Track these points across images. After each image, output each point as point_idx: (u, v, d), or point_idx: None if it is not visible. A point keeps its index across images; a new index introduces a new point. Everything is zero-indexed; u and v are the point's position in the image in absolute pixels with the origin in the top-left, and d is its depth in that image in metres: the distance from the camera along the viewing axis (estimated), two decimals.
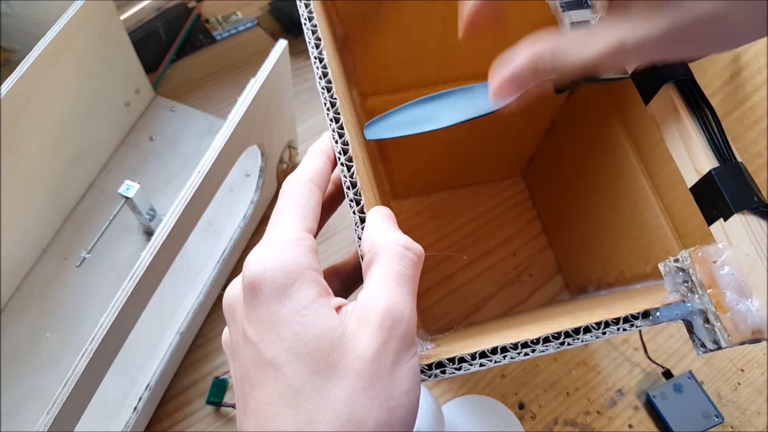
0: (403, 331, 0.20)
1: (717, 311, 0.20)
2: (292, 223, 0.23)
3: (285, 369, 0.19)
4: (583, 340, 0.22)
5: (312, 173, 0.25)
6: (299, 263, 0.21)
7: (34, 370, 0.52)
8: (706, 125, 0.22)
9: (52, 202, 0.57)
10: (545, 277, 0.61)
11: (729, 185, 0.21)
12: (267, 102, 0.50)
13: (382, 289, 0.21)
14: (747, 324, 0.20)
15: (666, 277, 0.22)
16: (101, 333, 0.37)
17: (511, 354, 0.22)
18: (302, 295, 0.20)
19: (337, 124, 0.25)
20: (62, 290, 0.56)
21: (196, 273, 0.56)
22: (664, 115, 0.23)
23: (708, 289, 0.21)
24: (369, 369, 0.19)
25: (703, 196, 0.22)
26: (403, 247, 0.22)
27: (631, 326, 0.22)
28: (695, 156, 0.22)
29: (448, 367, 0.22)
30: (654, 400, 0.53)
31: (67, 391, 0.35)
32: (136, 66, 0.62)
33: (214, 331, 0.56)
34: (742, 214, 0.20)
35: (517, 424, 0.52)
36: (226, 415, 0.53)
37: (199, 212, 0.45)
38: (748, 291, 0.20)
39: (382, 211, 0.24)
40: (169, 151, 0.64)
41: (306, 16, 0.27)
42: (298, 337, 0.19)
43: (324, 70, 0.26)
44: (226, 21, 0.76)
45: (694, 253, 0.21)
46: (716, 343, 0.21)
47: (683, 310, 0.22)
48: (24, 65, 0.46)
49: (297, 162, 0.66)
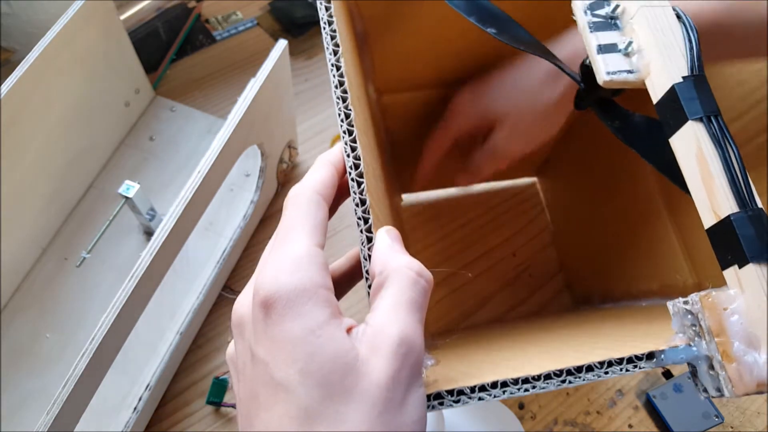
0: (415, 360, 0.20)
1: (723, 360, 0.20)
2: (302, 238, 0.22)
3: (297, 391, 0.19)
4: (585, 378, 0.22)
5: (319, 185, 0.24)
6: (313, 282, 0.20)
7: (34, 370, 0.52)
8: (728, 166, 0.21)
9: (52, 202, 0.57)
10: (545, 277, 0.61)
11: (747, 232, 0.20)
12: (267, 102, 0.50)
13: (395, 316, 0.20)
14: (752, 376, 0.19)
15: (674, 317, 0.22)
16: (101, 333, 0.37)
17: (511, 389, 0.22)
18: (316, 315, 0.20)
19: (350, 137, 0.24)
20: (62, 290, 0.56)
21: (196, 273, 0.56)
22: (686, 151, 0.22)
23: (716, 336, 0.20)
24: (383, 395, 0.19)
25: (720, 239, 0.21)
26: (416, 273, 0.22)
27: (634, 367, 0.22)
28: (714, 197, 0.21)
29: (446, 399, 0.22)
30: (654, 400, 0.53)
31: (67, 391, 0.35)
32: (136, 66, 0.62)
33: (214, 331, 0.56)
34: (757, 264, 0.20)
35: (517, 424, 0.52)
36: (226, 415, 0.52)
37: (199, 212, 0.45)
38: (757, 342, 0.20)
39: (391, 231, 0.24)
40: (169, 151, 0.64)
41: (326, 20, 0.26)
42: (312, 358, 0.19)
43: (340, 78, 0.25)
44: (226, 21, 0.76)
45: (705, 298, 0.20)
46: (719, 391, 0.20)
47: (689, 354, 0.21)
48: (24, 65, 0.46)
49: (297, 162, 0.66)
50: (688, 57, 0.23)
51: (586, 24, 0.26)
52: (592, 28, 0.26)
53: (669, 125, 0.23)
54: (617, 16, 0.26)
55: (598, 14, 0.26)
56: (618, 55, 0.25)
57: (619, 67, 0.25)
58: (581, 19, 0.26)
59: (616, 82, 0.25)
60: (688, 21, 0.24)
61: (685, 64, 0.23)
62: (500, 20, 0.30)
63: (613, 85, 0.25)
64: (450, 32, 0.41)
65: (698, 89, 0.23)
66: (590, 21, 0.26)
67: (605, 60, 0.25)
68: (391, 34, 0.40)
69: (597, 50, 0.25)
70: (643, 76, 0.25)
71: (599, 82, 0.25)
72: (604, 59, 0.25)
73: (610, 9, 0.26)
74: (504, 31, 0.30)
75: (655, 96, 0.24)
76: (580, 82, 0.30)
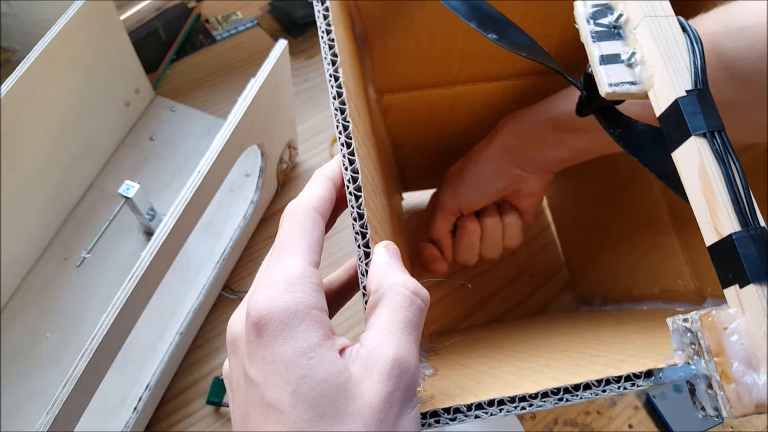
0: (409, 381, 0.20)
1: (722, 380, 0.20)
2: (297, 257, 0.22)
3: (289, 413, 0.19)
4: (582, 397, 0.22)
5: (316, 201, 0.24)
6: (306, 303, 0.20)
7: (34, 370, 0.52)
8: (731, 184, 0.21)
9: (52, 202, 0.57)
10: (545, 277, 0.61)
11: (749, 252, 0.20)
12: (267, 102, 0.50)
13: (389, 336, 0.20)
14: (751, 397, 0.19)
15: (673, 334, 0.22)
16: (101, 333, 0.37)
17: (508, 407, 0.22)
18: (308, 336, 0.20)
19: (348, 150, 0.24)
20: (62, 290, 0.56)
21: (196, 273, 0.56)
22: (689, 167, 0.22)
23: (715, 356, 0.20)
24: (375, 417, 0.19)
25: (721, 257, 0.21)
26: (412, 292, 0.22)
27: (632, 385, 0.21)
28: (716, 215, 0.21)
29: (442, 417, 0.22)
30: (654, 400, 0.53)
31: (67, 391, 0.35)
32: (136, 66, 0.62)
33: (214, 331, 0.56)
34: (759, 284, 0.20)
35: (517, 424, 0.52)
36: (226, 415, 0.52)
37: (199, 212, 0.45)
38: (756, 363, 0.19)
39: (389, 247, 0.24)
40: (169, 151, 0.64)
41: (324, 29, 0.26)
42: (304, 380, 0.19)
43: (339, 89, 0.25)
44: (226, 21, 0.76)
45: (705, 317, 0.20)
46: (717, 410, 0.20)
47: (687, 372, 0.21)
48: (24, 65, 0.46)
49: (297, 162, 0.66)
50: (692, 70, 0.23)
51: (589, 33, 0.26)
52: (594, 38, 0.25)
53: (672, 139, 0.23)
54: (621, 25, 0.26)
55: (601, 23, 0.26)
56: (621, 66, 0.25)
57: (621, 78, 0.25)
58: (584, 28, 0.26)
59: (619, 94, 0.25)
60: (693, 32, 0.24)
61: (689, 76, 0.23)
62: (500, 24, 0.30)
63: (615, 97, 0.25)
64: (450, 32, 0.41)
65: (702, 104, 0.22)
66: (593, 30, 0.26)
67: (608, 71, 0.25)
68: (390, 34, 0.40)
69: (599, 61, 0.25)
70: (646, 88, 0.24)
71: (601, 93, 0.25)
72: (607, 70, 0.25)
73: (614, 18, 0.26)
74: (504, 37, 0.29)
75: (658, 109, 0.24)
76: (583, 89, 0.30)
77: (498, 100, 0.49)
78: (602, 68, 0.25)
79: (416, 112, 0.49)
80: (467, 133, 0.52)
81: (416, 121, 0.50)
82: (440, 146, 0.54)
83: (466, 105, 0.49)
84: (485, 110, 0.50)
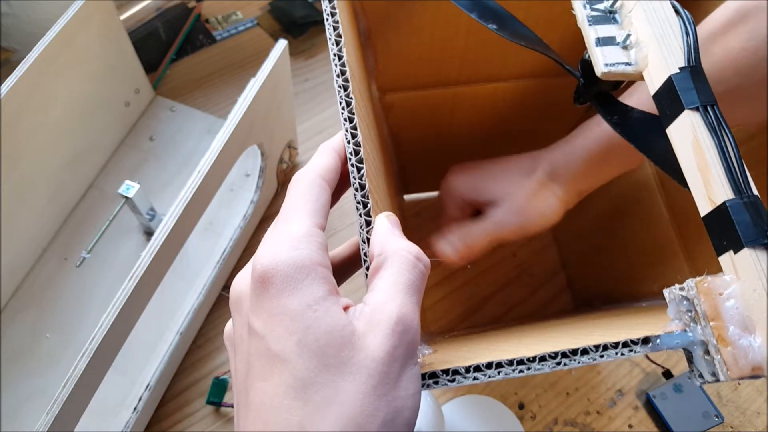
0: (412, 339, 0.20)
1: (718, 344, 0.20)
2: (303, 218, 0.23)
3: (294, 362, 0.19)
4: (580, 361, 0.22)
5: (322, 170, 0.25)
6: (311, 259, 0.21)
7: (34, 370, 0.52)
8: (724, 154, 0.21)
9: (52, 202, 0.57)
10: (545, 277, 0.61)
11: (742, 218, 0.20)
12: (267, 102, 0.50)
13: (393, 295, 0.21)
14: (747, 360, 0.19)
15: (670, 304, 0.22)
16: (101, 333, 0.37)
17: (506, 370, 0.22)
18: (313, 290, 0.20)
19: (350, 124, 0.25)
20: (62, 290, 0.56)
21: (196, 273, 0.56)
22: (683, 140, 0.23)
23: (711, 320, 0.20)
24: (379, 369, 0.19)
25: (715, 226, 0.21)
26: (414, 256, 0.22)
27: (630, 351, 0.22)
28: (710, 185, 0.21)
29: (441, 378, 0.22)
30: (654, 400, 0.53)
31: (67, 391, 0.35)
32: (136, 66, 0.62)
33: (214, 331, 0.56)
34: (752, 248, 0.20)
35: (517, 424, 0.52)
36: (226, 415, 0.52)
37: (199, 212, 0.45)
38: (752, 326, 0.20)
39: (391, 217, 0.24)
40: (169, 151, 0.64)
41: (329, 12, 0.27)
42: (309, 331, 0.19)
43: (342, 68, 0.25)
44: (226, 21, 0.76)
45: (701, 284, 0.21)
46: (714, 375, 0.20)
47: (684, 339, 0.21)
48: (24, 65, 0.46)
49: (297, 162, 0.66)
50: (685, 49, 0.24)
51: (585, 17, 0.26)
52: (591, 22, 0.26)
53: (666, 115, 0.24)
54: (616, 10, 0.26)
55: (597, 8, 0.26)
56: (616, 48, 0.25)
57: (617, 59, 0.25)
58: (580, 13, 0.26)
59: (614, 74, 0.25)
60: (686, 14, 0.24)
61: (682, 55, 0.24)
62: (501, 17, 0.30)
63: (611, 77, 0.25)
64: (453, 31, 0.41)
65: (695, 80, 0.23)
66: (589, 15, 0.26)
67: (603, 52, 0.25)
68: (394, 33, 0.40)
69: (596, 43, 0.26)
70: (641, 68, 0.25)
71: (597, 73, 0.25)
72: (603, 51, 0.25)
73: (609, 3, 0.26)
74: (505, 28, 0.30)
75: (653, 87, 0.24)
76: (580, 77, 0.30)
77: (499, 101, 0.49)
78: (598, 49, 0.25)
79: (418, 112, 0.49)
80: (468, 135, 0.52)
81: (418, 121, 0.50)
82: (441, 147, 0.54)
83: (467, 106, 0.49)
84: (486, 112, 0.50)
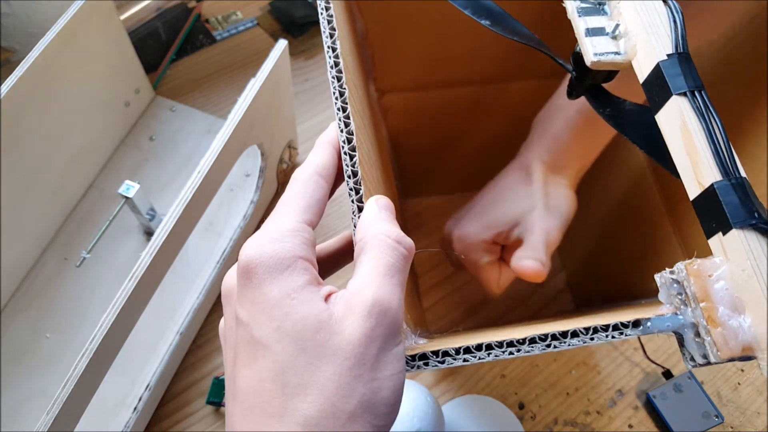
0: (391, 320, 0.21)
1: (708, 325, 0.20)
2: (292, 214, 0.23)
3: (274, 347, 0.20)
4: (570, 344, 0.22)
5: (318, 166, 0.25)
6: (293, 252, 0.22)
7: (34, 370, 0.52)
8: (712, 138, 0.22)
9: (52, 202, 0.57)
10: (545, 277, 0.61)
11: (730, 199, 0.21)
12: (267, 102, 0.50)
13: (371, 279, 0.22)
14: (737, 340, 0.20)
15: (661, 288, 0.22)
16: (101, 333, 0.37)
17: (496, 352, 0.22)
18: (293, 280, 0.21)
19: (343, 114, 0.25)
20: (62, 290, 0.56)
21: (196, 273, 0.56)
22: (671, 126, 0.23)
23: (701, 302, 0.20)
24: (355, 351, 0.20)
25: (704, 209, 0.22)
26: (394, 240, 0.23)
27: (620, 334, 0.22)
28: (699, 168, 0.22)
29: (431, 359, 0.22)
30: (654, 400, 0.53)
31: (67, 391, 0.35)
32: (136, 66, 0.62)
33: (214, 331, 0.56)
34: (741, 229, 0.20)
35: (517, 424, 0.52)
36: None
37: (199, 212, 0.45)
38: (742, 307, 0.20)
39: (381, 200, 0.25)
40: (169, 151, 0.64)
41: (323, 6, 0.27)
42: (287, 317, 0.21)
43: (336, 59, 0.26)
44: (226, 21, 0.76)
45: (690, 266, 0.21)
46: (705, 357, 0.20)
47: (675, 322, 0.21)
48: (24, 65, 0.46)
49: (297, 162, 0.66)
50: (673, 36, 0.24)
51: (575, 9, 0.27)
52: (580, 13, 0.27)
53: (655, 102, 0.24)
54: (605, 1, 0.27)
55: (586, 0, 0.27)
56: (606, 38, 0.26)
57: (606, 48, 0.26)
58: (570, 5, 0.27)
59: (604, 63, 0.26)
60: (673, 4, 0.25)
61: (669, 43, 0.24)
62: (494, 13, 0.31)
63: (600, 66, 0.26)
64: (450, 33, 0.41)
65: (682, 66, 0.23)
66: (579, 6, 0.27)
67: (593, 42, 0.26)
68: (391, 34, 0.40)
69: (585, 33, 0.26)
70: (629, 57, 0.25)
71: (587, 63, 0.26)
72: (592, 42, 0.26)
73: None
74: (498, 24, 0.30)
75: (642, 75, 0.25)
76: (572, 71, 0.31)
77: (498, 103, 0.49)
78: (588, 39, 0.26)
79: (416, 113, 0.49)
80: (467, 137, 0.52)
81: (416, 122, 0.50)
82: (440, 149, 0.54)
83: (465, 107, 0.49)
84: (485, 113, 0.50)
